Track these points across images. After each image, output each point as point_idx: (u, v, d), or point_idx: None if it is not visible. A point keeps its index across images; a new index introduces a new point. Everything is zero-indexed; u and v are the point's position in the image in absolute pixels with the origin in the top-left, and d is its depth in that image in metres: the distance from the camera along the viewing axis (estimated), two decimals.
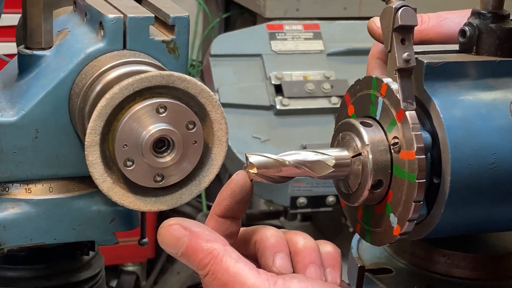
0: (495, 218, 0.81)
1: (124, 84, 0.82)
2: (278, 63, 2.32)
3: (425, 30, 0.89)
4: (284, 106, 2.25)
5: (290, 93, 2.25)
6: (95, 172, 0.83)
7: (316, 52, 2.41)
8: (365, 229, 0.85)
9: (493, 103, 0.80)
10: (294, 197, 2.23)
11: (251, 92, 2.26)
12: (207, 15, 3.66)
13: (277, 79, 2.28)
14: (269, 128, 2.22)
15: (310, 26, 2.45)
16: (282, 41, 2.37)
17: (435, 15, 0.90)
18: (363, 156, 0.80)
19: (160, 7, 0.98)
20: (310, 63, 2.35)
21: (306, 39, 2.41)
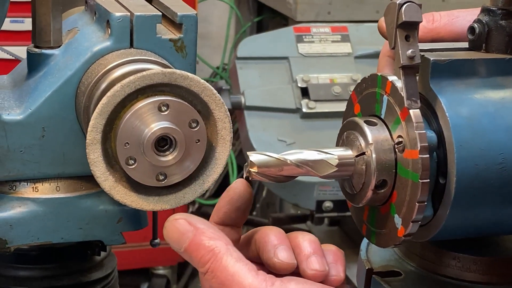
0: (504, 220, 0.79)
1: (126, 82, 0.81)
2: (305, 66, 2.30)
3: (437, 28, 0.87)
4: (310, 109, 2.23)
5: (316, 96, 2.24)
6: (96, 171, 0.83)
7: (343, 54, 2.39)
8: (370, 230, 0.83)
9: (501, 102, 0.78)
10: (320, 201, 2.21)
11: (277, 95, 2.25)
12: (239, 19, 3.67)
13: (303, 81, 2.27)
14: (295, 131, 2.21)
15: (338, 28, 2.43)
16: (309, 43, 2.35)
17: (447, 13, 0.88)
18: (366, 156, 0.78)
19: (169, 5, 0.97)
20: (337, 65, 2.34)
21: (334, 41, 2.40)
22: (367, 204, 0.81)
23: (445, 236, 0.80)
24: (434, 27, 0.87)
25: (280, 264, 0.77)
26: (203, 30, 3.77)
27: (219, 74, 3.64)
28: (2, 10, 0.89)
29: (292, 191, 2.25)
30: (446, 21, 0.87)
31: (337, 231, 2.59)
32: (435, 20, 0.87)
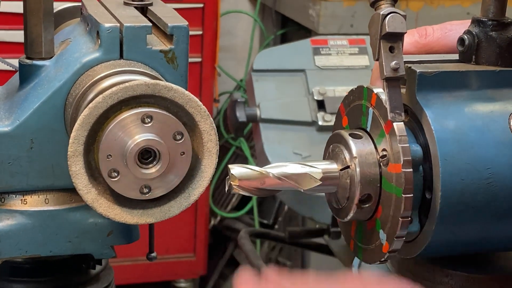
0: (493, 237, 0.77)
1: (108, 93, 0.80)
2: (321, 79, 2.28)
3: (430, 43, 0.85)
4: (326, 122, 2.21)
5: (332, 109, 2.21)
6: (78, 183, 0.82)
7: (361, 67, 2.36)
8: (357, 246, 0.81)
9: (490, 115, 0.75)
10: None
11: (293, 107, 2.23)
12: (263, 32, 3.66)
13: (319, 94, 2.25)
14: (311, 144, 2.18)
15: (355, 41, 2.41)
16: (326, 56, 2.33)
17: (440, 27, 0.86)
18: (351, 169, 0.76)
19: (161, 16, 0.96)
20: (355, 78, 2.31)
21: (351, 54, 2.37)
22: (353, 219, 0.79)
23: (433, 253, 0.78)
24: (427, 41, 0.85)
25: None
26: (227, 43, 3.77)
27: (242, 87, 3.63)
28: None
29: (307, 205, 2.22)
30: (439, 35, 0.85)
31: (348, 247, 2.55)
32: (427, 35, 0.85)
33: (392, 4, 0.74)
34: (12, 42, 2.68)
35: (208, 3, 3.16)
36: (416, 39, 0.85)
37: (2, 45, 2.69)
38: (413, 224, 0.76)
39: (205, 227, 3.36)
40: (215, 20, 3.22)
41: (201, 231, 3.34)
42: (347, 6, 2.98)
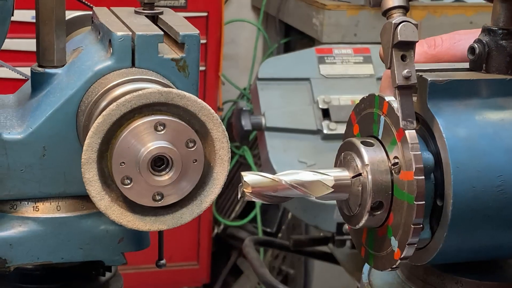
0: (504, 244, 0.77)
1: (121, 101, 0.81)
2: (326, 87, 2.29)
3: (439, 53, 0.86)
4: (331, 130, 2.22)
5: (337, 117, 2.22)
6: (92, 190, 0.82)
7: (365, 76, 2.37)
8: (369, 253, 0.82)
9: (501, 123, 0.76)
10: (340, 223, 2.18)
11: (298, 116, 2.23)
12: (266, 40, 3.67)
13: (324, 103, 2.25)
14: (316, 153, 2.19)
15: (360, 50, 2.42)
16: (331, 65, 2.34)
17: (449, 37, 0.87)
18: (363, 177, 0.77)
19: (173, 25, 0.97)
20: (359, 87, 2.32)
21: (356, 63, 2.38)
22: (365, 226, 0.79)
23: (444, 259, 0.79)
24: (436, 52, 0.86)
25: None
26: (231, 52, 3.78)
27: (246, 96, 3.64)
28: (3, 28, 0.90)
29: (312, 213, 2.23)
30: (448, 46, 0.85)
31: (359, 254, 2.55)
32: (436, 45, 0.86)
33: (403, 13, 0.75)
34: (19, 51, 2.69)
35: (212, 12, 3.18)
36: (426, 49, 0.86)
37: (9, 54, 2.69)
38: (424, 231, 0.76)
39: (208, 235, 3.37)
40: (219, 29, 3.24)
41: (205, 239, 3.35)
42: (350, 15, 3.00)
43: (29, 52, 2.52)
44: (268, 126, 2.19)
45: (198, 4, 3.14)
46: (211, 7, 3.18)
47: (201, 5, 3.15)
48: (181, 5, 3.10)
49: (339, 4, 3.02)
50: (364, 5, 2.98)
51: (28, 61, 2.46)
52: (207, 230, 3.36)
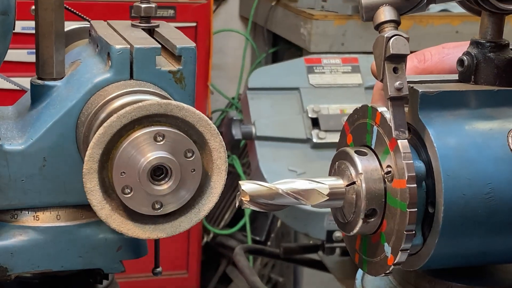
0: (493, 250, 0.80)
1: (122, 113, 0.83)
2: (315, 97, 2.32)
3: (428, 68, 0.89)
4: (321, 139, 2.25)
5: (326, 126, 2.25)
6: (93, 199, 0.84)
7: (354, 85, 2.40)
8: (362, 259, 0.84)
9: (489, 133, 0.79)
10: (330, 230, 2.21)
11: (288, 125, 2.26)
12: (255, 50, 3.70)
13: (314, 112, 2.28)
14: (305, 161, 2.22)
15: (348, 59, 2.45)
16: (320, 74, 2.37)
17: (437, 51, 0.90)
18: (356, 185, 0.79)
19: (169, 38, 0.99)
20: (348, 96, 2.35)
21: (344, 72, 2.42)
22: (359, 233, 0.82)
23: (436, 265, 0.81)
24: (426, 66, 0.89)
25: None
26: (219, 61, 3.81)
27: (234, 105, 3.67)
28: (5, 42, 0.92)
29: (302, 221, 2.25)
30: (437, 60, 0.88)
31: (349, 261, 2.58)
32: (426, 60, 0.89)
33: (395, 27, 0.77)
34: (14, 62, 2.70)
35: (201, 22, 3.20)
36: (415, 64, 0.89)
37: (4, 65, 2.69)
38: (417, 237, 0.79)
39: (198, 244, 3.38)
40: (208, 38, 3.26)
41: (194, 248, 3.36)
42: (337, 25, 3.03)
43: (16, 63, 2.53)
44: (258, 135, 2.22)
45: (187, 15, 3.17)
46: (200, 18, 3.20)
47: (190, 15, 3.18)
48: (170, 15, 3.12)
49: (327, 14, 3.05)
50: (351, 15, 3.01)
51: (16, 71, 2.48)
52: (197, 239, 3.37)
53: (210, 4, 3.19)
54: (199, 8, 3.17)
